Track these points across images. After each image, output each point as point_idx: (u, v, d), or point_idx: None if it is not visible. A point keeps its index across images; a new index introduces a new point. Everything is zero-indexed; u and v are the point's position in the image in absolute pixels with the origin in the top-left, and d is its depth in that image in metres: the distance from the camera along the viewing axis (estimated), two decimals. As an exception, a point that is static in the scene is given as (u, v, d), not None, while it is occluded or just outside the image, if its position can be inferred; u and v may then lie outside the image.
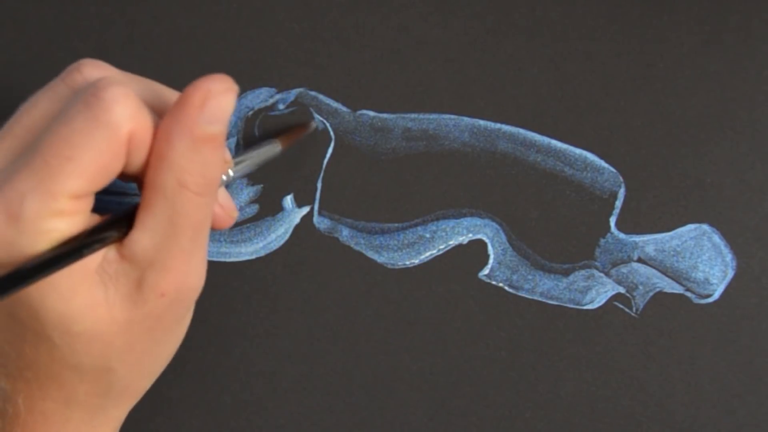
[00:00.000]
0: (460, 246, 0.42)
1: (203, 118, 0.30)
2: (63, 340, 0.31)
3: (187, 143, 0.30)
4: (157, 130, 0.30)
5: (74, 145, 0.29)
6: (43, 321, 0.30)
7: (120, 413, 0.35)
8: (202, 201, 0.31)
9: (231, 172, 0.35)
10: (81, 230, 0.30)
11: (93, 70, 0.33)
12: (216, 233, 0.42)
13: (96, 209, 0.32)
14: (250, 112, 0.42)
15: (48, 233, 0.29)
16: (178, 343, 0.35)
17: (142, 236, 0.30)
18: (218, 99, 0.30)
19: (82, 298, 0.30)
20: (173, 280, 0.31)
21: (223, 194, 0.36)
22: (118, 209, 0.32)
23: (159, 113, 0.32)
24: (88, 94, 0.30)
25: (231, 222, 0.36)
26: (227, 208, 0.36)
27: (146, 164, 0.31)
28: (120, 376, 0.33)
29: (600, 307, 0.42)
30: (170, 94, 0.34)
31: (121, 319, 0.31)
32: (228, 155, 0.34)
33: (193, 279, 0.32)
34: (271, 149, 0.38)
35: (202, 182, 0.30)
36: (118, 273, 0.31)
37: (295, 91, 0.42)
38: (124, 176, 0.32)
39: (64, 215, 0.29)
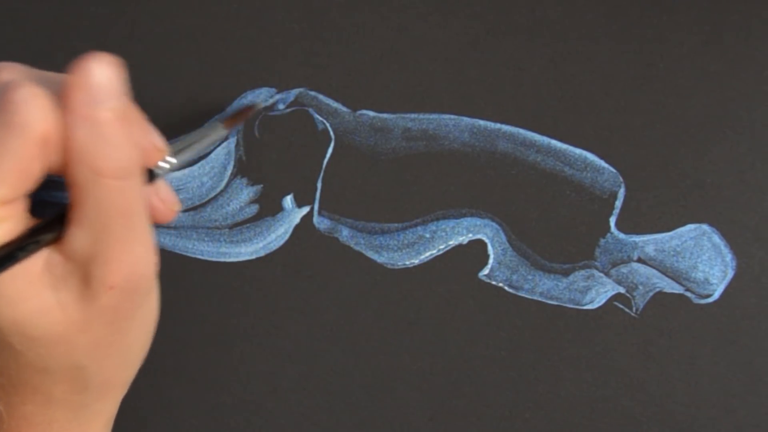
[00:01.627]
0: (460, 246, 0.42)
1: (91, 98, 0.29)
2: (24, 346, 0.31)
3: (86, 129, 0.29)
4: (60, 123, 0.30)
5: None
6: (0, 329, 0.30)
7: (106, 407, 0.35)
8: (122, 185, 0.30)
9: (171, 160, 0.34)
10: (15, 235, 0.30)
11: (5, 73, 0.32)
12: (216, 233, 0.42)
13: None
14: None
15: None
16: (149, 328, 0.35)
17: (77, 233, 0.30)
18: (98, 76, 0.29)
19: (32, 303, 0.30)
20: (118, 271, 0.30)
21: (161, 186, 0.35)
22: (52, 210, 0.31)
23: None
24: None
25: (172, 216, 0.35)
26: (167, 201, 0.35)
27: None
28: (93, 372, 0.33)
29: (600, 307, 0.42)
30: None
31: (78, 318, 0.31)
32: (161, 143, 0.33)
33: (140, 265, 0.31)
34: (215, 132, 0.37)
35: (115, 165, 0.29)
36: (65, 273, 0.30)
37: (295, 91, 0.42)
38: (56, 175, 0.31)
39: None
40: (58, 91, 0.30)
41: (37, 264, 0.30)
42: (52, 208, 0.32)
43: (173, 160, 0.34)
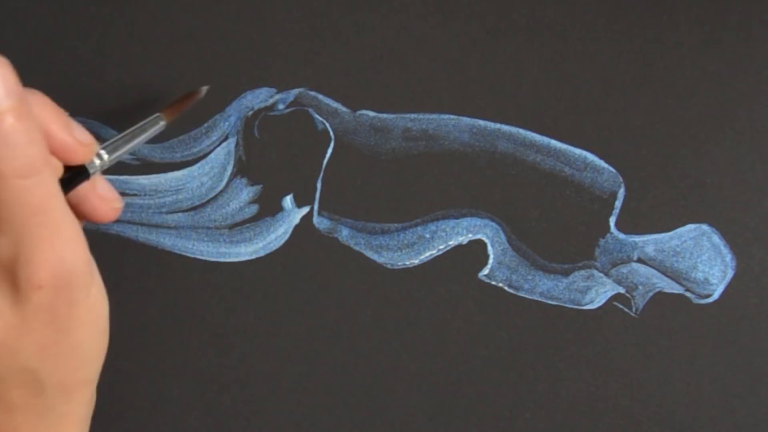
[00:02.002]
0: (460, 246, 0.42)
1: None
2: None
3: None
4: None
5: None
6: None
7: (72, 408, 0.34)
8: (29, 183, 0.29)
9: (104, 155, 0.33)
10: None
11: None
12: (216, 233, 0.42)
13: None
14: (250, 112, 0.42)
15: None
16: (98, 325, 0.34)
17: None
18: None
19: None
20: (42, 269, 0.30)
21: (101, 183, 0.34)
22: None
23: None
24: None
25: (114, 214, 0.34)
26: (107, 198, 0.34)
27: None
28: (46, 374, 0.32)
29: (600, 307, 0.42)
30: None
31: (15, 322, 0.31)
32: (86, 137, 0.33)
33: (66, 261, 0.30)
34: (153, 125, 0.36)
35: (17, 164, 0.29)
36: None
37: (295, 91, 0.42)
38: None
39: None
40: None
41: None
42: None
43: (105, 155, 0.33)
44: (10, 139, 0.29)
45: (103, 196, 0.34)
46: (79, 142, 0.32)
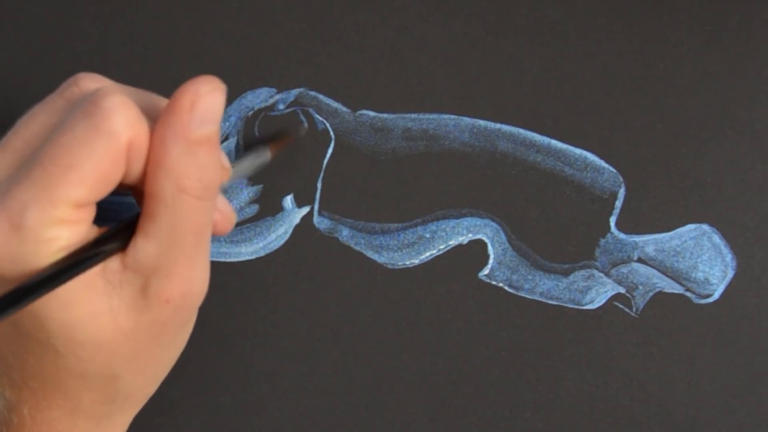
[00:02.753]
0: (460, 246, 0.42)
1: (195, 120, 0.30)
2: (67, 349, 0.31)
3: (181, 148, 0.30)
4: (152, 137, 0.30)
5: (74, 153, 0.29)
6: (47, 330, 0.30)
7: (125, 419, 0.35)
8: (202, 205, 0.31)
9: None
10: (83, 239, 0.30)
11: (90, 82, 0.33)
12: (216, 233, 0.42)
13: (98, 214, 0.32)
14: (250, 112, 0.42)
15: (50, 242, 0.29)
16: (182, 347, 0.35)
17: (145, 244, 0.30)
18: (207, 100, 0.30)
19: (85, 306, 0.30)
20: (178, 287, 0.31)
21: (221, 200, 0.36)
22: (119, 220, 0.32)
23: (155, 122, 0.32)
24: (88, 103, 0.30)
25: (230, 227, 0.36)
26: (225, 213, 0.35)
27: (144, 173, 0.31)
28: (125, 384, 0.33)
29: (600, 307, 0.42)
30: (164, 103, 0.34)
31: (126, 327, 0.31)
32: (227, 162, 0.34)
33: (198, 284, 0.32)
34: (262, 158, 0.38)
35: (200, 186, 0.30)
36: (122, 282, 0.31)
37: (295, 91, 0.42)
38: (122, 186, 0.32)
39: (66, 224, 0.29)
40: (143, 104, 0.31)
41: (93, 269, 0.31)
42: (111, 219, 0.33)
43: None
44: (205, 162, 0.30)
45: (222, 211, 0.35)
46: (223, 165, 0.34)
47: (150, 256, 0.31)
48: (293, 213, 0.42)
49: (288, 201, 0.42)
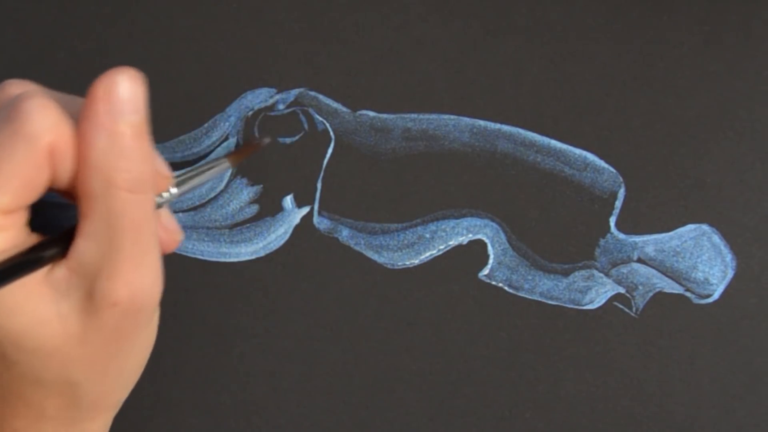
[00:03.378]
0: (460, 246, 0.42)
1: (113, 110, 0.29)
2: (19, 357, 0.31)
3: (104, 139, 0.29)
4: (76, 135, 0.30)
5: None
6: None
7: (97, 426, 0.35)
8: (135, 198, 0.30)
9: (173, 190, 0.33)
10: (15, 245, 0.30)
11: (15, 88, 0.32)
12: (216, 233, 0.42)
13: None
14: (250, 112, 0.42)
15: None
16: (146, 352, 0.34)
17: (85, 246, 0.30)
18: (123, 89, 0.29)
19: (31, 314, 0.30)
20: (124, 288, 0.30)
21: (165, 215, 0.35)
22: (61, 227, 0.31)
23: None
24: (8, 109, 0.29)
25: (174, 245, 0.35)
26: (170, 230, 0.34)
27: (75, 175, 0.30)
28: (87, 390, 0.32)
29: (600, 307, 0.42)
30: None
31: (77, 332, 0.31)
32: (167, 170, 0.33)
33: (147, 284, 0.31)
34: (218, 166, 0.37)
35: (130, 177, 0.29)
36: (69, 287, 0.30)
37: (295, 91, 0.42)
38: (61, 192, 0.31)
39: None
40: (72, 108, 0.30)
41: (37, 276, 0.30)
42: (52, 226, 0.32)
43: (174, 190, 0.34)
44: (132, 153, 0.29)
45: (166, 228, 0.34)
46: (158, 173, 0.33)
47: (91, 258, 0.30)
48: (293, 213, 0.42)
49: (288, 201, 0.42)
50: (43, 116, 0.29)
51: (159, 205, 0.33)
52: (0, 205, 0.29)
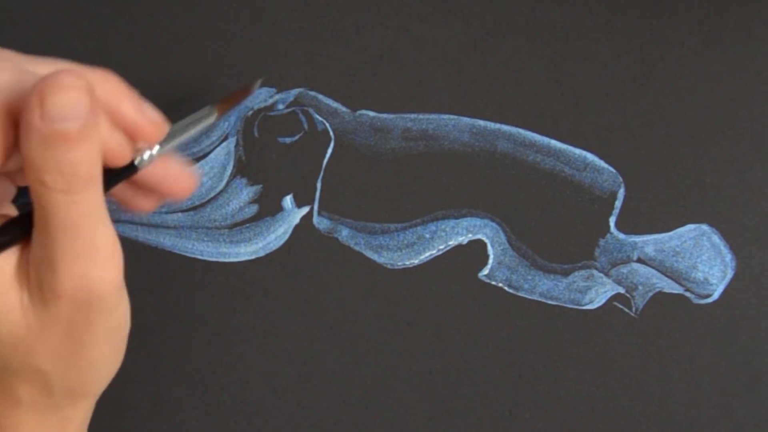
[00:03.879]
0: (459, 246, 0.42)
1: (48, 115, 0.29)
2: None
3: (37, 142, 0.29)
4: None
5: None
6: None
7: (76, 414, 0.35)
8: (69, 199, 0.30)
9: (156, 148, 0.34)
10: None
11: None
12: (216, 233, 0.42)
13: None
14: (250, 112, 0.42)
15: None
16: (117, 341, 0.34)
17: (35, 237, 0.30)
18: (61, 96, 0.29)
19: (0, 299, 0.30)
20: (66, 281, 0.30)
21: (173, 163, 0.35)
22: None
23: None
24: None
25: (189, 190, 0.35)
26: (180, 178, 0.35)
27: None
28: (57, 378, 0.32)
29: (600, 307, 0.42)
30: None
31: (35, 324, 0.31)
32: (158, 117, 0.33)
33: (92, 278, 0.31)
34: (205, 117, 0.37)
35: (62, 180, 0.29)
36: (29, 277, 0.31)
37: (295, 91, 0.42)
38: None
39: None
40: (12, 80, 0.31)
41: (9, 262, 0.31)
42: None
43: (156, 149, 0.34)
44: (62, 157, 0.29)
45: (176, 177, 0.35)
46: (149, 121, 0.33)
47: (36, 250, 0.30)
48: (293, 213, 0.42)
49: (288, 201, 0.42)
50: None
51: (143, 165, 0.33)
52: None
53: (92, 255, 0.31)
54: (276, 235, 0.42)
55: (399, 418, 0.42)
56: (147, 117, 0.33)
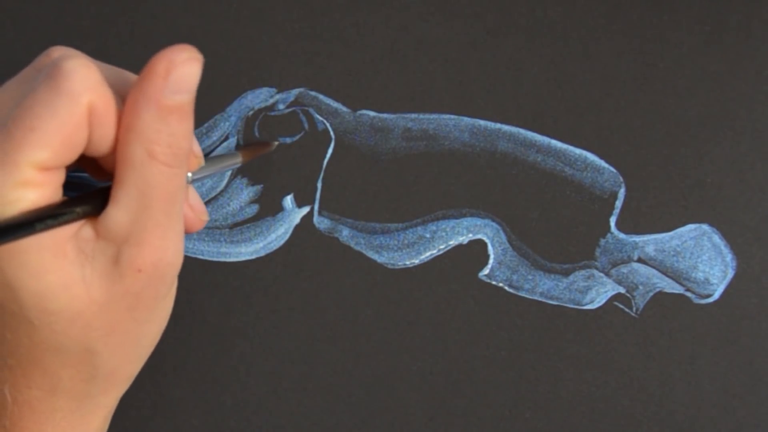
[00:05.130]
0: (460, 246, 0.42)
1: (168, 87, 0.30)
2: (41, 321, 0.31)
3: (153, 113, 0.30)
4: (125, 103, 0.30)
5: (36, 115, 0.29)
6: (19, 301, 0.30)
7: (108, 400, 0.35)
8: (171, 172, 0.31)
9: (190, 175, 0.35)
10: (49, 202, 0.30)
11: (59, 51, 0.33)
12: (216, 233, 0.42)
13: None
14: (250, 112, 0.42)
15: (14, 203, 0.29)
16: (163, 324, 0.35)
17: (116, 211, 0.31)
18: (182, 68, 0.30)
19: (56, 275, 0.30)
20: (149, 255, 0.31)
21: (192, 195, 0.35)
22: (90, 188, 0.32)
23: (124, 97, 0.32)
24: (50, 67, 0.30)
25: (201, 225, 0.36)
26: (197, 210, 0.35)
27: (115, 142, 0.31)
28: (104, 359, 0.33)
29: (600, 307, 0.42)
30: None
31: (100, 298, 0.31)
32: (199, 149, 0.34)
33: (171, 253, 0.32)
34: (231, 160, 0.38)
35: (170, 152, 0.30)
36: (95, 251, 0.31)
37: (295, 91, 0.42)
38: (97, 160, 0.32)
39: (31, 186, 0.29)
40: (112, 78, 0.32)
41: (64, 238, 0.31)
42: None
43: (191, 176, 0.35)
44: (174, 129, 0.30)
45: (194, 207, 0.35)
46: (193, 152, 0.34)
47: (120, 223, 0.30)
48: (293, 213, 0.42)
49: (288, 201, 0.42)
50: (84, 75, 0.30)
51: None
52: (40, 161, 0.29)
53: (176, 230, 0.32)
54: (276, 235, 0.42)
55: (399, 418, 0.42)
56: (192, 149, 0.34)
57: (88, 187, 0.38)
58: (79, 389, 0.33)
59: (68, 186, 0.32)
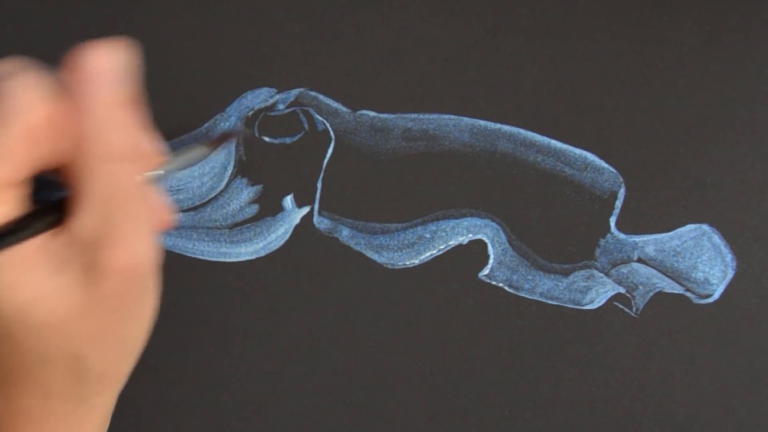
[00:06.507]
0: (460, 246, 0.42)
1: (101, 82, 0.30)
2: (24, 333, 0.31)
3: (97, 111, 0.30)
4: (71, 108, 0.30)
5: None
6: (0, 318, 0.30)
7: (103, 401, 0.35)
8: (131, 168, 0.30)
9: (156, 172, 0.34)
10: (9, 219, 0.30)
11: (10, 66, 0.33)
12: (216, 233, 0.42)
13: None
14: (250, 112, 0.42)
15: None
16: (147, 321, 0.35)
17: (85, 216, 0.30)
18: (108, 60, 0.30)
19: (30, 289, 0.30)
20: (123, 255, 0.31)
21: (157, 190, 0.35)
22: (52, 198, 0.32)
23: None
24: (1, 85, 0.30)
25: (171, 220, 0.35)
26: (164, 205, 0.35)
27: (72, 150, 0.31)
28: (93, 362, 0.33)
29: (600, 307, 0.42)
30: None
31: (79, 303, 0.31)
32: (158, 148, 0.34)
33: (143, 250, 0.31)
34: (196, 152, 0.38)
35: (125, 146, 0.30)
36: (68, 258, 0.31)
37: (295, 91, 0.42)
38: (56, 169, 0.32)
39: None
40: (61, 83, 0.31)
41: (32, 251, 0.31)
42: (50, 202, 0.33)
43: (155, 172, 0.34)
44: (122, 122, 0.30)
45: (160, 202, 0.35)
46: (154, 148, 0.34)
47: (89, 227, 0.30)
48: (293, 213, 0.42)
49: (288, 201, 0.42)
50: (33, 91, 0.30)
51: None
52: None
53: (146, 227, 0.31)
54: (276, 235, 0.42)
55: (399, 418, 0.42)
56: (155, 145, 0.33)
57: (53, 186, 0.38)
58: (73, 393, 0.33)
59: (42, 186, 0.32)
